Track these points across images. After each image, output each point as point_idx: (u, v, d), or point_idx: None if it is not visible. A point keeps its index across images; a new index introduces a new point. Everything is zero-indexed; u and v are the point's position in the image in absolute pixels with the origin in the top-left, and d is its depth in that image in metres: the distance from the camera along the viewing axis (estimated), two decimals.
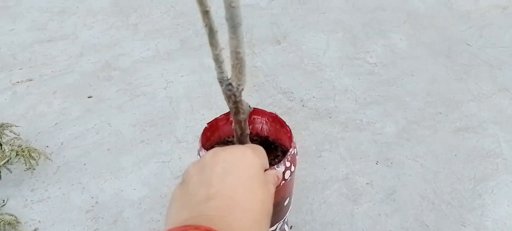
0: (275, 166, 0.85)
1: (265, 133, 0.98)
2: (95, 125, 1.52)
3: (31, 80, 1.69)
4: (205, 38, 1.86)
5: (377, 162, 1.43)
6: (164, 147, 1.44)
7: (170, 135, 1.48)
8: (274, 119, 0.94)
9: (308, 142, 1.48)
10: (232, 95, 0.82)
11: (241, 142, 0.93)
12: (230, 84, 0.81)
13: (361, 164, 1.42)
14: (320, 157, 1.44)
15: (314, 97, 1.63)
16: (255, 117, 0.98)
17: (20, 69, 1.73)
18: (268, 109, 1.60)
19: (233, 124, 0.90)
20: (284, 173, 0.86)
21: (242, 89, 0.83)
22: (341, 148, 1.46)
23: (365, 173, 1.39)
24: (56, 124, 1.53)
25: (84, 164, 1.40)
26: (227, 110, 0.99)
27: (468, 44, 1.83)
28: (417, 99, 1.62)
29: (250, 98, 1.61)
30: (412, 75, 1.70)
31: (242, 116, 0.86)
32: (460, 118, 1.56)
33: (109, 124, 1.52)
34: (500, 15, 1.99)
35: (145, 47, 1.83)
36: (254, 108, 0.99)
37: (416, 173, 1.40)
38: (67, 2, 2.11)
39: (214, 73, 1.80)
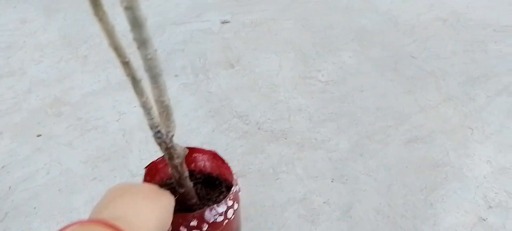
0: (215, 205, 0.84)
1: (208, 170, 0.97)
2: (45, 165, 1.47)
3: None
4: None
5: (333, 179, 1.45)
6: (117, 182, 1.41)
7: (124, 169, 1.45)
8: (215, 156, 0.93)
9: (265, 165, 1.49)
10: (163, 143, 0.77)
11: (181, 185, 0.89)
12: (159, 131, 0.76)
13: (317, 182, 1.44)
14: (277, 179, 1.45)
15: (269, 119, 1.65)
16: (196, 154, 0.97)
17: None
18: (224, 135, 1.61)
19: (170, 169, 0.86)
20: (226, 212, 0.84)
21: (172, 136, 0.79)
22: (297, 168, 1.48)
23: (321, 192, 1.42)
24: (3, 167, 1.47)
25: (34, 208, 1.35)
26: None
27: (413, 57, 1.92)
28: (367, 114, 1.67)
29: (206, 124, 1.60)
30: (362, 91, 1.76)
31: (177, 160, 0.82)
32: (410, 130, 1.62)
33: (59, 162, 1.47)
34: (441, 27, 2.10)
35: (96, 79, 1.79)
36: (192, 147, 0.96)
37: (370, 187, 1.44)
38: (13, 37, 2.04)
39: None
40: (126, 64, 0.67)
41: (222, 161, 0.89)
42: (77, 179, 1.42)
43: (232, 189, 0.82)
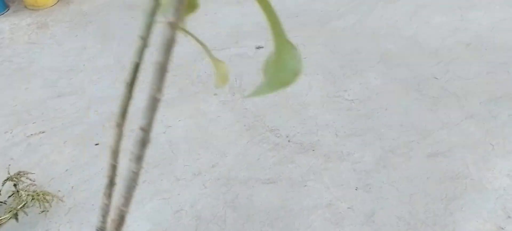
0: None
1: None
2: (102, 169, 1.69)
3: (43, 132, 1.87)
4: (201, 86, 2.07)
5: (357, 188, 1.58)
6: (164, 185, 1.60)
7: (170, 175, 1.65)
8: None
9: (294, 174, 1.64)
10: None
11: None
12: None
13: (342, 190, 1.57)
14: (305, 186, 1.60)
15: (298, 133, 1.81)
16: None
17: (33, 123, 1.93)
18: (258, 146, 1.78)
19: None
20: None
21: None
22: (324, 177, 1.62)
23: (346, 199, 1.54)
24: (67, 170, 1.70)
25: (92, 204, 1.56)
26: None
27: (436, 78, 2.03)
28: (392, 130, 1.79)
29: (242, 137, 1.78)
30: (387, 109, 1.89)
31: None
32: (431, 145, 1.72)
33: None
34: (465, 50, 2.20)
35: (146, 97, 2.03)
36: None
37: (393, 196, 1.55)
38: (74, 61, 2.34)
39: (210, 117, 2.01)
40: (113, 167, 0.69)
41: None
42: None
43: None
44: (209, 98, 1.97)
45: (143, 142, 0.58)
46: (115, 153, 0.68)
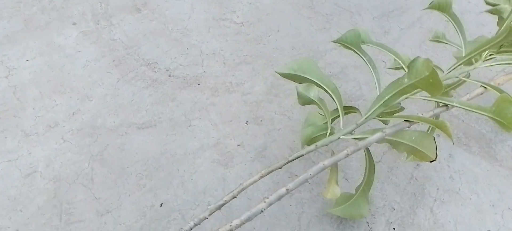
0: None
1: None
2: None
3: None
4: (54, 14, 1.66)
5: (247, 121, 1.41)
6: (9, 144, 1.26)
7: (16, 129, 1.30)
8: None
9: (176, 113, 1.41)
10: None
11: None
12: None
13: (231, 126, 1.40)
14: (190, 126, 1.38)
15: (181, 65, 1.55)
16: None
17: None
18: (130, 85, 1.50)
19: None
20: None
21: None
22: (211, 114, 1.42)
23: (236, 135, 1.37)
24: None
25: None
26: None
27: None
28: (283, 54, 1.63)
29: (109, 75, 1.47)
30: (278, 31, 1.70)
31: None
32: (324, 67, 1.60)
33: None
34: None
35: None
36: None
37: (285, 126, 1.42)
38: None
39: (65, 52, 1.61)
40: None
41: None
42: None
43: None
44: (65, 29, 1.59)
45: None
46: None
